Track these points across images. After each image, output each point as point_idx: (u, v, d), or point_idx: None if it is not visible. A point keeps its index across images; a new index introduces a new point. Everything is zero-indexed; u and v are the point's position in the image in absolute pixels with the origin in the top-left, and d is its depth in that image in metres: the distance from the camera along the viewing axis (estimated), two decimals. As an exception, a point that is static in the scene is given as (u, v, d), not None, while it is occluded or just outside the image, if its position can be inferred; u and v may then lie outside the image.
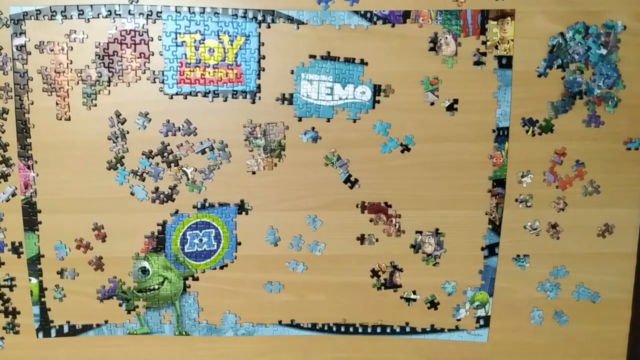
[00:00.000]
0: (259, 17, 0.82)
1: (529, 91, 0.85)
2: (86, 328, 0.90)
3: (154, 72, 0.83)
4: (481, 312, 0.91)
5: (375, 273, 0.89)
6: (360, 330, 0.91)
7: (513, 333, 0.92)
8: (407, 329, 0.91)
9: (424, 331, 0.92)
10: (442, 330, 0.92)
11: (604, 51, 0.83)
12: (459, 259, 0.89)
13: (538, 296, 0.91)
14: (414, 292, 0.90)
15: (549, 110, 0.85)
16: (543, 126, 0.86)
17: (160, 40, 0.82)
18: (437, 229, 0.89)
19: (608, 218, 0.89)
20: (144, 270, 0.88)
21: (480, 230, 0.89)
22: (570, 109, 0.85)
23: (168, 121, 0.85)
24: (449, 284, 0.90)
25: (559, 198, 0.88)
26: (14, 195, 0.86)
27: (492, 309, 0.91)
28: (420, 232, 0.89)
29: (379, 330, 0.91)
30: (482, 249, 0.89)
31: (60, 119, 0.84)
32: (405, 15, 0.83)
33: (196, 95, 0.84)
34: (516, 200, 0.88)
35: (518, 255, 0.90)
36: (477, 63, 0.84)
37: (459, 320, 0.92)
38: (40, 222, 0.86)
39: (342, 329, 0.91)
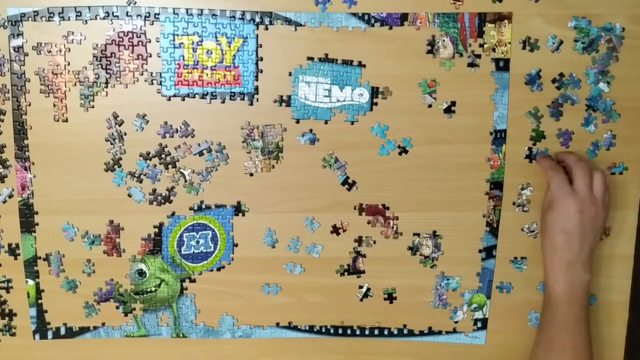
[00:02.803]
0: (257, 19, 0.82)
1: (526, 94, 0.85)
2: (83, 330, 0.90)
3: (151, 73, 0.83)
4: (479, 315, 0.91)
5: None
6: (358, 332, 0.91)
7: (510, 335, 0.92)
8: (405, 332, 0.91)
9: (421, 333, 0.92)
10: (439, 333, 0.92)
11: (605, 87, 0.84)
12: (457, 261, 0.89)
13: (535, 298, 0.91)
14: (369, 290, 0.90)
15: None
16: (534, 136, 0.86)
17: (158, 42, 0.82)
18: (434, 231, 0.89)
19: (605, 220, 0.89)
20: (141, 273, 0.88)
21: (478, 233, 0.89)
22: (558, 120, 0.86)
23: (166, 123, 0.84)
24: (452, 279, 0.89)
25: (557, 200, 0.88)
26: (10, 196, 0.86)
27: (490, 311, 0.91)
28: (418, 234, 0.89)
29: (376, 332, 0.91)
30: (480, 251, 0.89)
31: (58, 121, 0.84)
32: (403, 17, 0.83)
33: (194, 97, 0.84)
34: (513, 203, 0.88)
35: (515, 258, 0.90)
36: (471, 65, 0.84)
37: (456, 322, 0.91)
38: (37, 224, 0.86)
39: (340, 331, 0.91)
